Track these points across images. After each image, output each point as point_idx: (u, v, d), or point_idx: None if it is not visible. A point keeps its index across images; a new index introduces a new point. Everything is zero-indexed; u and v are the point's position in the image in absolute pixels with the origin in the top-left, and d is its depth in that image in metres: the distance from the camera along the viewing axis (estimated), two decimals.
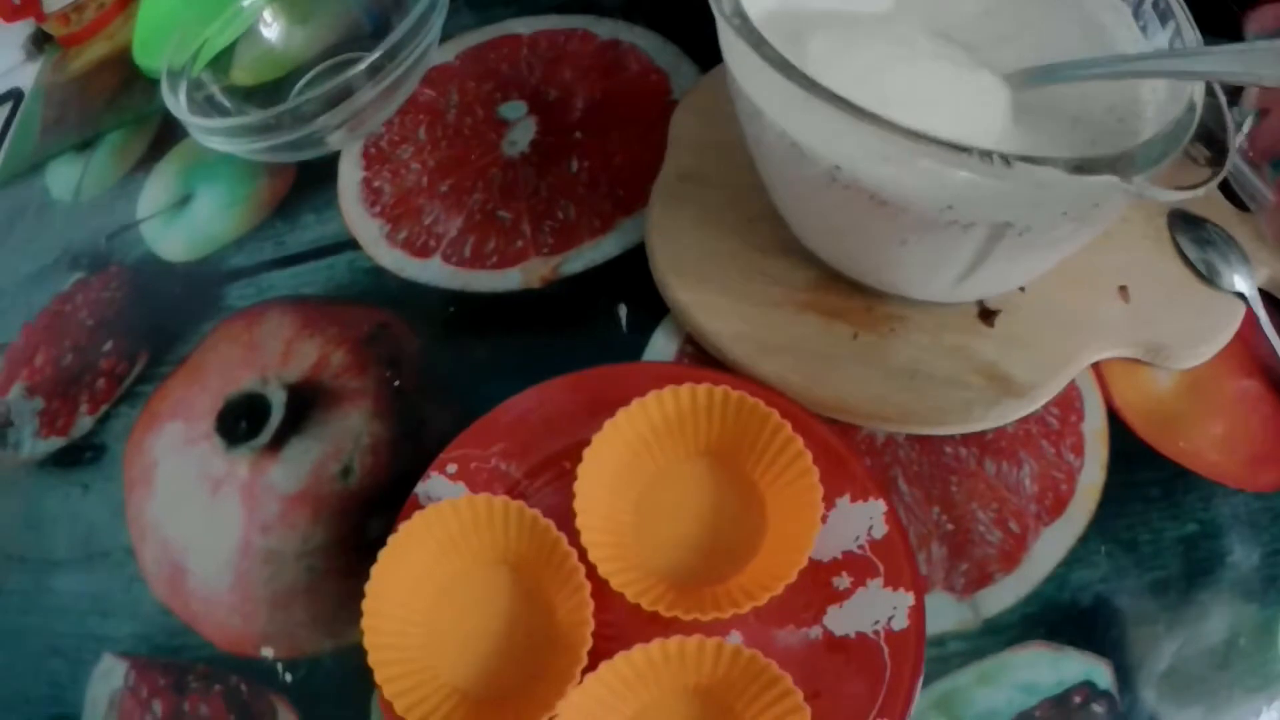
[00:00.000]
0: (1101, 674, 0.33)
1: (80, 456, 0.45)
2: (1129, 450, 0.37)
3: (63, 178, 0.55)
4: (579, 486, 0.35)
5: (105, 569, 0.42)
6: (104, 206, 0.52)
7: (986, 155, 0.28)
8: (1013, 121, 0.33)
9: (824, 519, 0.35)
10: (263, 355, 0.43)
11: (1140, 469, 0.37)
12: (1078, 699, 0.33)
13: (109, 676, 0.41)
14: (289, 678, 0.38)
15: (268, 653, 0.39)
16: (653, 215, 0.42)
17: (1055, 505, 0.36)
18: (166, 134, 0.54)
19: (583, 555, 0.34)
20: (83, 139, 0.56)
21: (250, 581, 0.39)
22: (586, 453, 0.35)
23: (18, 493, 0.46)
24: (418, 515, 0.35)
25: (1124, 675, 0.33)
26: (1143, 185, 0.27)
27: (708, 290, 0.40)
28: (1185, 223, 0.41)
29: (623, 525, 0.36)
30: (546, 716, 0.32)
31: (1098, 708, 0.33)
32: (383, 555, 0.35)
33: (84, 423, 0.46)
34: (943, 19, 0.36)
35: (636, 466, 0.37)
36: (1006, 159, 0.27)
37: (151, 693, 0.40)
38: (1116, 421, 0.38)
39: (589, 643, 0.33)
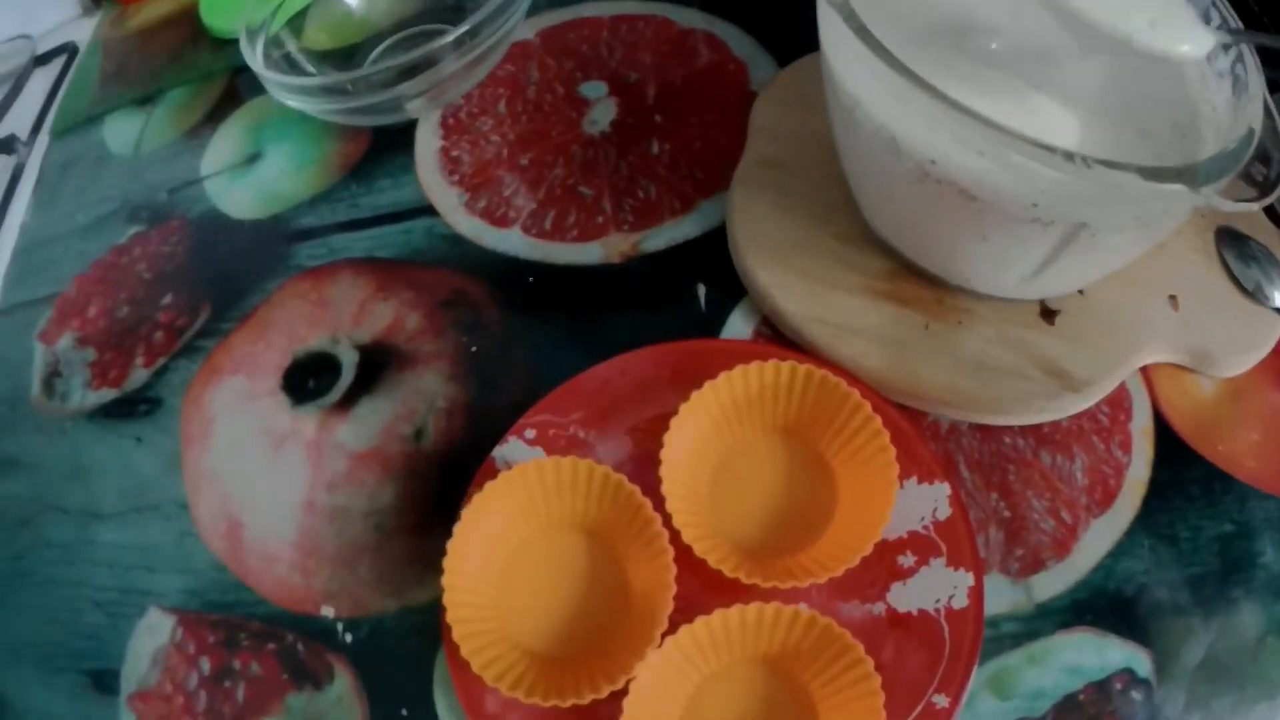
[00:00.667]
0: (1141, 662, 0.35)
1: (134, 409, 0.44)
2: (1172, 450, 0.39)
3: (121, 132, 0.54)
4: (665, 454, 0.35)
5: (155, 523, 0.41)
6: (165, 161, 0.52)
7: (1069, 156, 0.30)
8: (1086, 131, 0.34)
9: None
10: (334, 314, 0.43)
11: (1182, 468, 0.38)
12: (1118, 685, 0.34)
13: (154, 631, 0.40)
14: (349, 637, 0.38)
15: (328, 611, 0.38)
16: (734, 199, 0.43)
17: (1104, 498, 0.37)
18: (233, 92, 0.54)
19: (665, 522, 0.34)
20: (144, 94, 0.55)
21: (313, 538, 0.39)
22: (673, 422, 0.36)
23: (64, 443, 0.45)
24: (503, 475, 0.35)
25: (1162, 664, 0.35)
26: (1209, 195, 0.29)
27: (787, 274, 0.41)
28: (1232, 239, 0.42)
29: (700, 496, 0.37)
30: (624, 678, 0.32)
31: (1136, 694, 0.34)
32: (465, 514, 0.35)
33: (139, 375, 0.45)
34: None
35: (716, 439, 0.37)
36: (1087, 160, 0.29)
37: (200, 649, 0.39)
38: (1161, 422, 0.39)
39: (670, 607, 0.33)
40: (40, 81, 0.60)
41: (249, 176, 0.49)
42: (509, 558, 0.36)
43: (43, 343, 0.48)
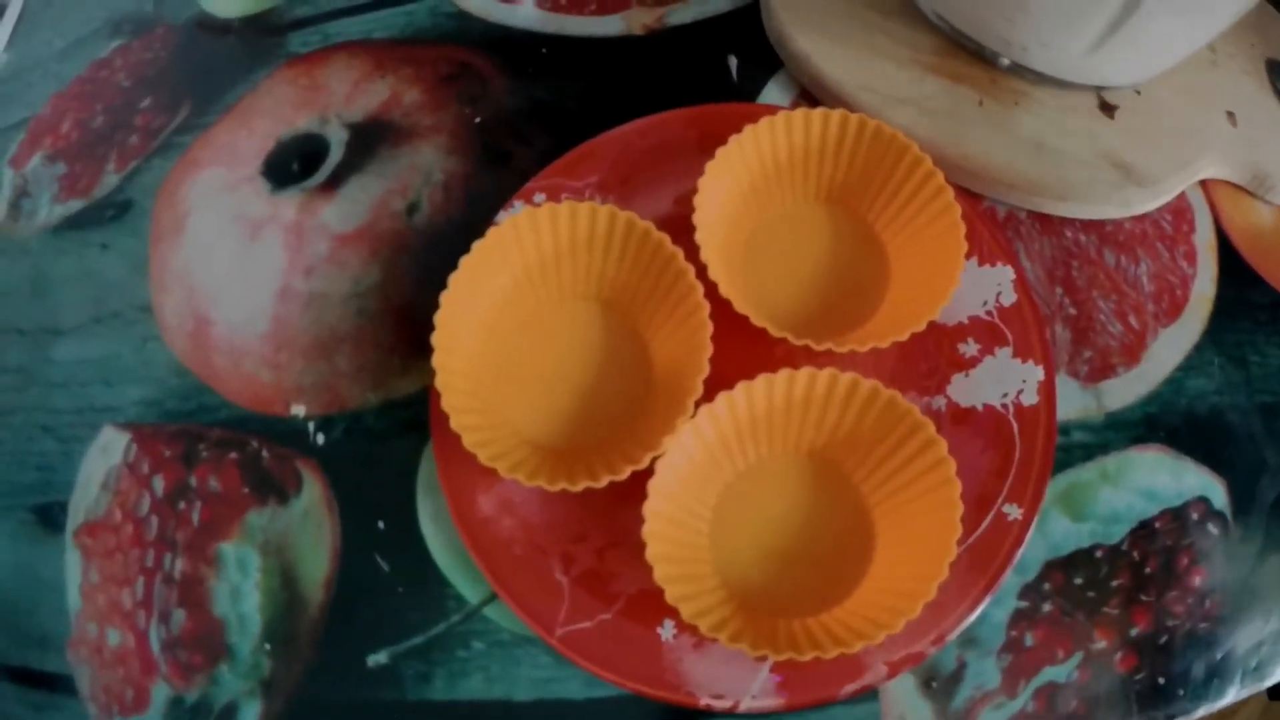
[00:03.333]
0: (1217, 492, 0.33)
1: (102, 215, 0.39)
2: (1237, 271, 0.36)
3: None
4: (699, 200, 0.29)
5: (115, 331, 0.37)
6: None
7: None
8: None
9: None
10: (325, 96, 0.37)
11: (1248, 291, 0.36)
12: (1195, 515, 0.32)
13: (107, 452, 0.35)
14: (321, 438, 0.32)
15: (298, 410, 0.33)
16: None
17: (1171, 308, 0.35)
18: None
19: (699, 274, 0.28)
20: None
21: (287, 328, 0.33)
22: (702, 182, 0.30)
23: (27, 261, 0.40)
24: (505, 223, 0.29)
25: (1238, 498, 0.33)
26: None
27: (829, 41, 0.36)
28: None
29: (734, 267, 0.31)
30: (649, 456, 0.26)
31: (1213, 528, 0.32)
32: (455, 278, 0.29)
33: (109, 180, 0.40)
34: None
35: (753, 203, 0.32)
36: None
37: (155, 467, 0.34)
38: (1225, 241, 0.37)
39: (706, 370, 0.27)
40: None
41: None
42: (512, 332, 0.30)
43: (12, 167, 0.43)
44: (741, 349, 0.28)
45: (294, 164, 0.36)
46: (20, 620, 0.34)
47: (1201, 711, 0.30)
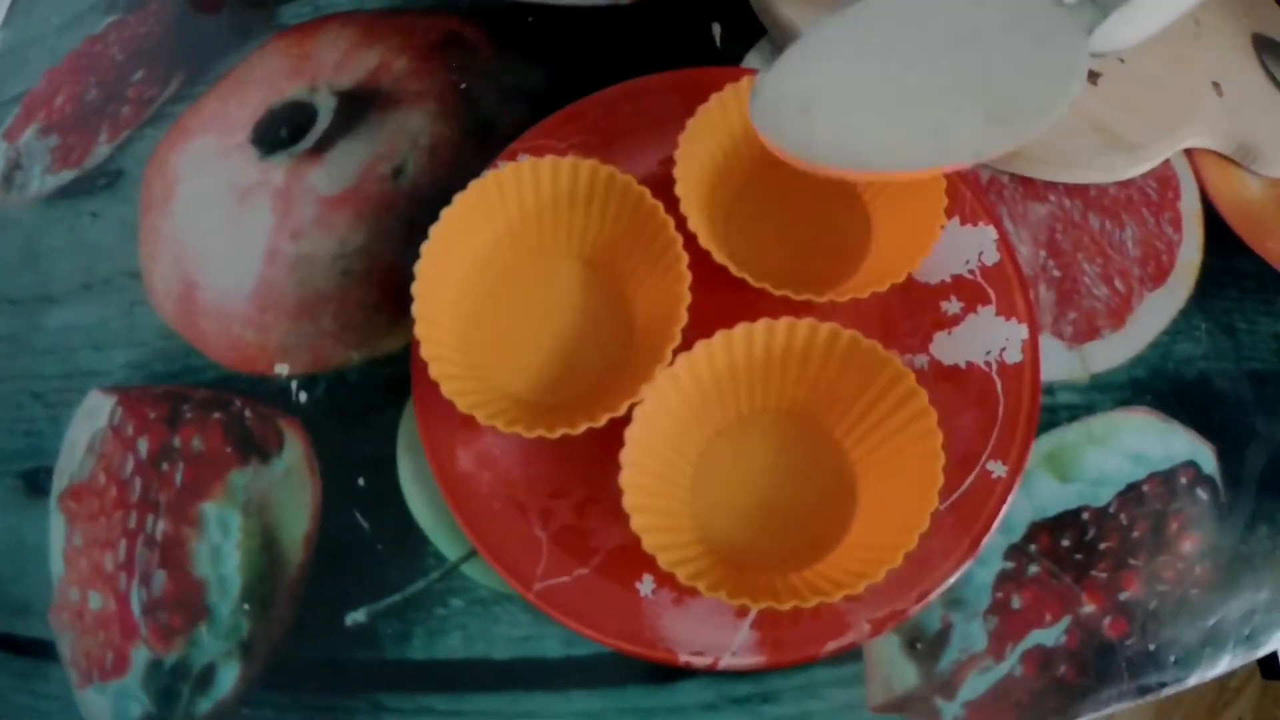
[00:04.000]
0: (1206, 456, 0.32)
1: (93, 185, 0.40)
2: (1223, 239, 0.36)
3: None
4: (680, 155, 0.29)
5: (104, 297, 0.37)
6: None
7: None
8: None
9: None
10: (315, 66, 0.38)
11: (1234, 259, 0.36)
12: (1183, 479, 0.32)
13: (93, 416, 0.35)
14: (303, 396, 0.32)
15: (282, 369, 0.33)
16: None
17: (1157, 273, 0.35)
18: None
19: (679, 225, 0.28)
20: None
21: (273, 289, 0.34)
22: (682, 138, 0.30)
23: (19, 231, 0.40)
24: (489, 175, 0.29)
25: (1227, 464, 0.32)
26: None
27: (813, 10, 0.36)
28: (1268, 45, 0.39)
29: (715, 224, 0.31)
30: (627, 403, 0.26)
31: (1202, 493, 0.32)
32: (436, 230, 0.29)
33: (101, 151, 0.40)
34: None
35: (736, 161, 0.32)
36: None
37: (140, 429, 0.34)
38: (1211, 210, 0.36)
39: (684, 319, 0.27)
40: None
41: None
42: (494, 286, 0.30)
43: (6, 141, 0.44)
44: (722, 301, 0.28)
45: (283, 130, 0.36)
46: (6, 588, 0.34)
47: (1194, 680, 0.30)
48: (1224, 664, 0.30)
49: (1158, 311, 0.34)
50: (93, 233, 0.39)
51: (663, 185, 0.30)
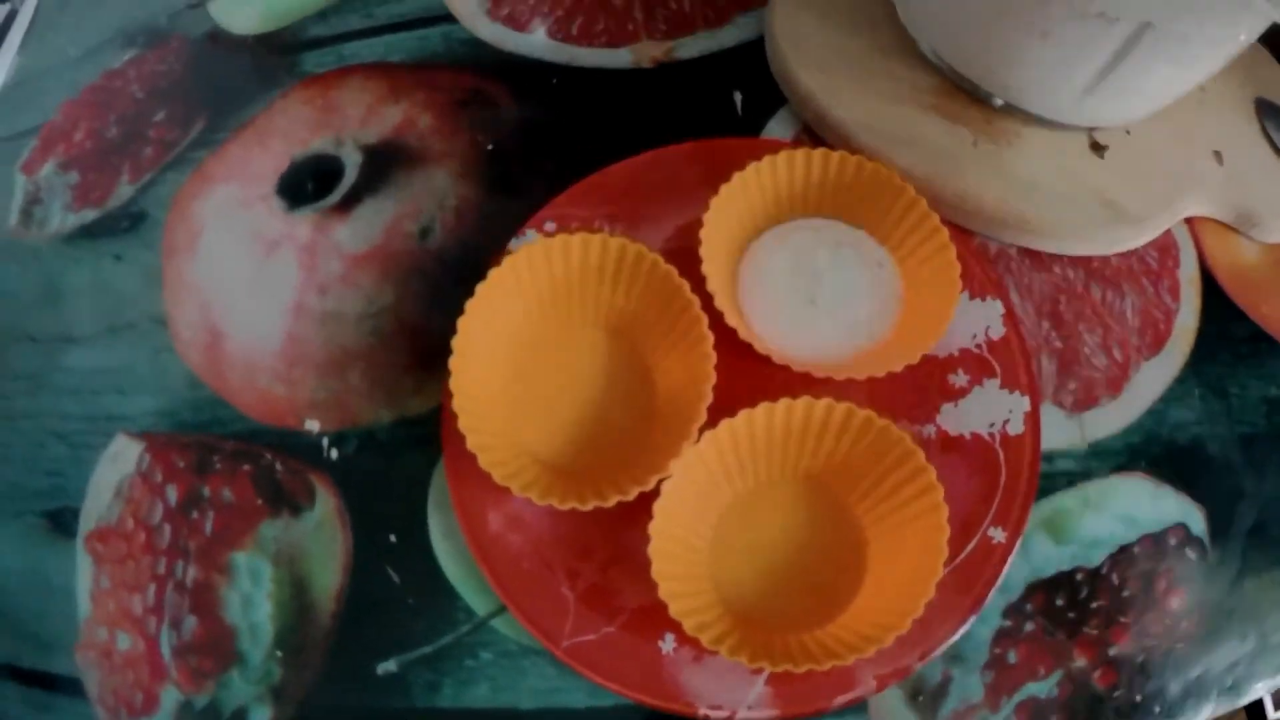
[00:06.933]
0: (1196, 518, 0.34)
1: (116, 226, 0.40)
2: (1219, 304, 0.38)
3: None
4: (705, 233, 0.31)
5: (129, 341, 0.37)
6: None
7: None
8: None
9: None
10: (339, 118, 0.38)
11: (1229, 324, 0.37)
12: (1173, 540, 0.33)
13: (120, 460, 0.35)
14: (334, 453, 0.33)
15: (312, 425, 0.34)
16: (775, 7, 0.39)
17: (1155, 341, 0.36)
18: None
19: (705, 304, 0.30)
20: None
21: (301, 345, 0.34)
22: (714, 201, 0.31)
23: (39, 268, 0.40)
24: (520, 251, 0.30)
25: (1215, 524, 0.34)
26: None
27: (831, 79, 0.37)
28: (1271, 110, 0.40)
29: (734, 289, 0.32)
30: (655, 478, 0.27)
31: (1191, 553, 0.33)
32: (471, 304, 0.30)
33: (124, 191, 0.41)
34: None
35: (756, 230, 0.33)
36: None
37: (168, 476, 0.35)
38: (1208, 276, 0.38)
39: (709, 398, 0.28)
40: None
41: None
42: (524, 357, 0.32)
43: (24, 174, 0.44)
44: (744, 375, 0.30)
45: (308, 184, 0.37)
46: (29, 623, 0.35)
47: None
48: (1207, 713, 0.32)
49: (1154, 378, 0.35)
50: (116, 275, 0.39)
51: (685, 254, 0.31)
